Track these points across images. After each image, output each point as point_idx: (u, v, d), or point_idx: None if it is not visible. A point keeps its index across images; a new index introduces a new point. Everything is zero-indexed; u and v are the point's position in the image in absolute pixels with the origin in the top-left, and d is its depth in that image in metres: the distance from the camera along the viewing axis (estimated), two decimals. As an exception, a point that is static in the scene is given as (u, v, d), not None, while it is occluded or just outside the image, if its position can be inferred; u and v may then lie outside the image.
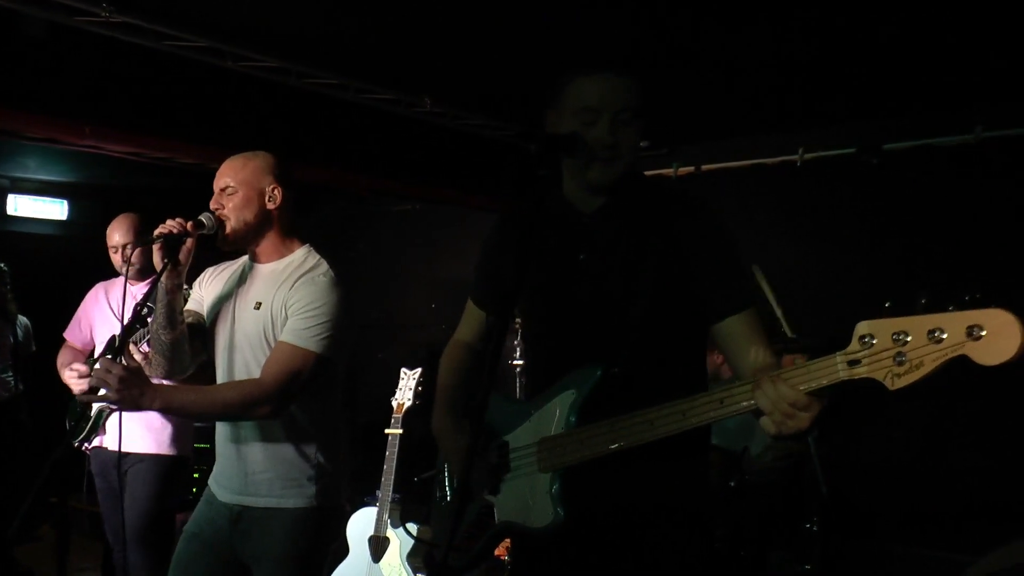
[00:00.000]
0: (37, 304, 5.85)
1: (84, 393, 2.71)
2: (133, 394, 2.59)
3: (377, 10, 4.08)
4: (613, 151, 2.17)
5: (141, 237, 4.31)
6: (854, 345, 1.73)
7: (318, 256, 2.96)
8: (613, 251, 2.25)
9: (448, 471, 2.50)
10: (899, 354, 1.68)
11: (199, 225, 2.84)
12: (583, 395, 2.16)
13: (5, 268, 5.56)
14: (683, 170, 6.22)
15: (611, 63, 2.21)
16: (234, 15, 4.17)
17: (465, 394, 2.54)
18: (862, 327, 1.73)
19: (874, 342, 1.71)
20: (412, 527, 4.69)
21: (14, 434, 5.74)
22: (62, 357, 4.54)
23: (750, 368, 2.13)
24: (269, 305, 2.87)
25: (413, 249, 7.93)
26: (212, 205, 2.90)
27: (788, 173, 5.73)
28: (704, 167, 6.22)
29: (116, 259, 4.41)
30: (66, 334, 4.65)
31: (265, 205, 2.92)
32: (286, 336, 2.80)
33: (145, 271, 4.32)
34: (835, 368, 1.75)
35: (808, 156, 5.62)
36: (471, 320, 2.62)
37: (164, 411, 2.93)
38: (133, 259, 4.28)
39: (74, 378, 4.28)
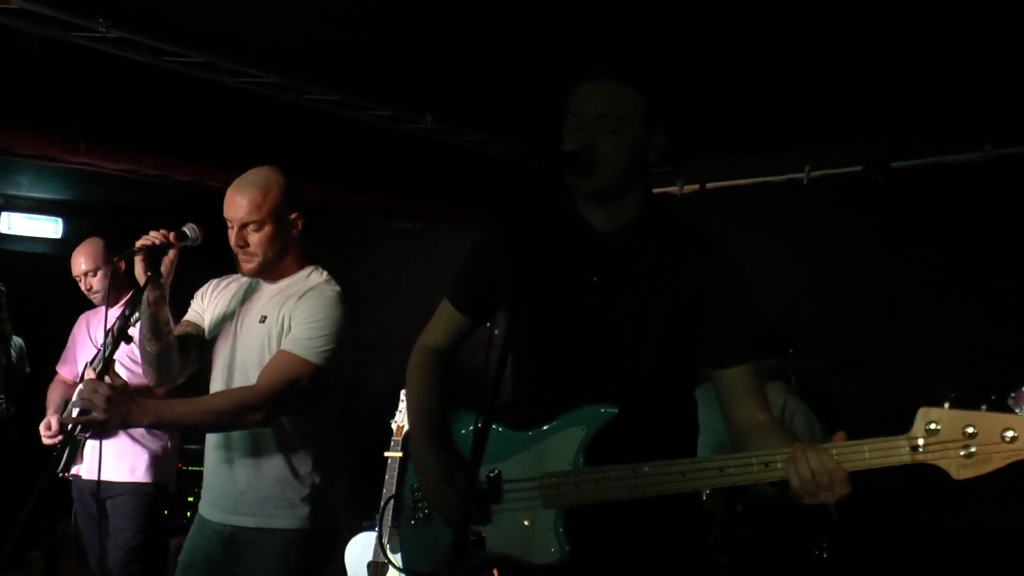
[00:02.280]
0: (30, 324, 5.85)
1: (71, 416, 2.69)
2: (121, 412, 2.58)
3: (377, 25, 4.08)
4: (591, 159, 2.10)
5: (109, 259, 4.31)
6: (918, 431, 1.81)
7: (326, 273, 2.98)
8: (627, 277, 2.21)
9: (422, 494, 2.42)
10: (967, 447, 1.78)
11: (182, 236, 2.84)
12: (593, 433, 2.13)
13: (2, 288, 5.55)
14: (688, 188, 6.21)
15: (612, 68, 2.16)
16: (232, 30, 4.18)
17: (441, 408, 2.47)
18: (929, 414, 1.81)
19: (940, 430, 1.80)
20: (395, 558, 4.67)
21: (6, 457, 5.72)
22: (52, 392, 4.52)
23: (745, 422, 2.15)
24: (274, 318, 2.87)
25: (413, 269, 7.91)
26: (235, 244, 2.88)
27: (794, 191, 5.72)
28: (709, 185, 6.20)
29: (83, 287, 4.41)
30: (58, 367, 4.64)
31: (290, 234, 2.93)
32: (286, 345, 2.81)
33: (119, 290, 4.30)
34: (899, 451, 1.82)
35: (815, 174, 5.61)
36: (446, 323, 2.54)
37: (155, 426, 2.92)
38: (95, 285, 4.28)
39: (47, 436, 4.24)
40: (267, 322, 2.89)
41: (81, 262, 4.42)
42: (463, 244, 7.30)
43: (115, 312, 4.27)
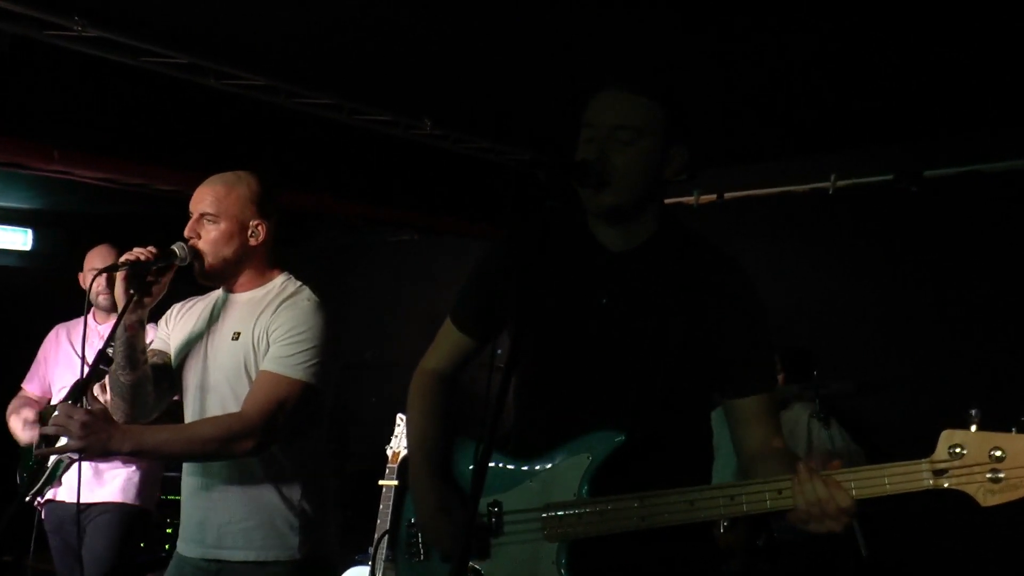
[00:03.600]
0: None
1: (40, 445, 2.67)
2: (100, 439, 2.55)
3: (373, 23, 4.08)
4: (603, 175, 2.11)
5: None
6: (941, 453, 1.81)
7: (298, 282, 2.96)
8: (638, 300, 2.21)
9: (418, 528, 2.42)
10: (995, 471, 1.77)
11: (170, 255, 2.82)
12: (599, 461, 2.13)
13: None
14: (704, 198, 6.21)
15: (629, 77, 2.17)
16: (218, 29, 4.19)
17: (442, 437, 2.46)
18: (953, 436, 1.81)
19: (965, 454, 1.79)
20: None
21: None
22: (13, 403, 4.50)
23: (758, 449, 2.16)
24: (249, 334, 2.85)
25: (411, 283, 7.91)
26: (187, 233, 2.87)
27: (819, 202, 5.71)
28: (727, 195, 6.20)
29: (95, 288, 4.37)
30: (25, 383, 4.62)
31: (247, 241, 2.91)
32: (268, 364, 2.78)
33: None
34: (920, 476, 1.82)
35: (841, 183, 5.60)
36: (449, 345, 2.54)
37: (136, 454, 2.89)
38: (104, 289, 4.26)
39: (19, 426, 4.23)
40: (241, 339, 2.87)
41: (98, 260, 4.40)
42: (465, 258, 7.32)
43: (106, 328, 4.27)
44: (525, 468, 2.25)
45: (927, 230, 5.33)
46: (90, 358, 2.87)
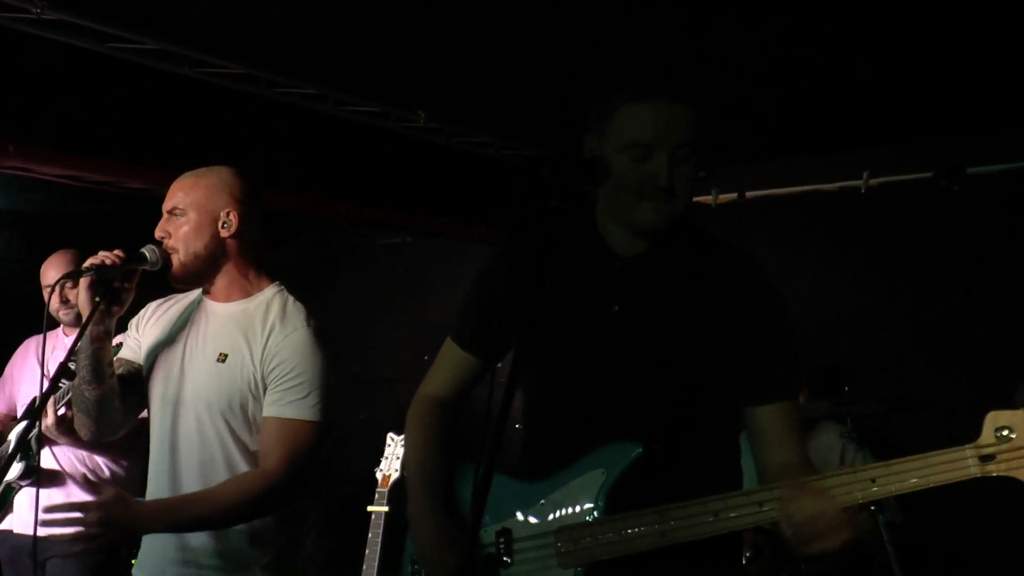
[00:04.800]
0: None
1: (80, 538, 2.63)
2: (125, 527, 2.58)
3: (362, 6, 4.07)
4: (668, 191, 2.17)
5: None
6: (987, 437, 1.80)
7: (291, 297, 2.93)
8: (651, 305, 2.25)
9: (420, 563, 2.42)
10: None
11: (140, 259, 2.80)
12: (615, 477, 2.13)
13: None
14: (723, 197, 6.21)
15: (666, 85, 2.19)
16: (191, 12, 4.18)
17: (446, 466, 2.46)
18: (999, 418, 1.80)
19: (1014, 437, 1.77)
20: None
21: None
22: None
23: (779, 465, 2.18)
24: (239, 361, 2.83)
25: (402, 290, 7.91)
26: (158, 233, 2.87)
27: (850, 202, 5.70)
28: (749, 194, 6.20)
29: (53, 302, 4.36)
30: None
31: (218, 232, 2.89)
32: (276, 410, 2.79)
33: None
34: (964, 464, 1.81)
35: (875, 181, 5.60)
36: (451, 367, 2.56)
37: (172, 530, 2.87)
38: (72, 298, 4.25)
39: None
40: (229, 363, 2.84)
41: (52, 272, 4.39)
42: (461, 263, 7.31)
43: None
44: (535, 489, 2.25)
45: (970, 233, 5.32)
46: (51, 370, 2.85)
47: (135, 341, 3.07)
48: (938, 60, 4.40)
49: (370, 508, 4.97)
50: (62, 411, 3.94)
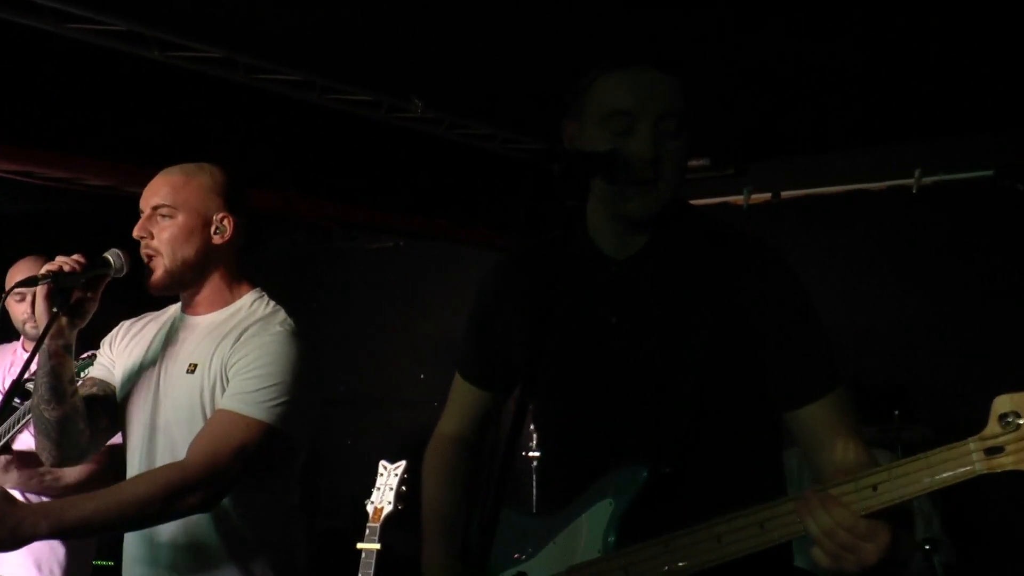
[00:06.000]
0: None
1: None
2: (8, 525, 2.50)
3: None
4: (655, 170, 2.14)
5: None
6: (992, 427, 1.72)
7: (272, 303, 2.95)
8: (653, 311, 2.23)
9: None
10: None
11: (103, 264, 2.80)
12: (624, 506, 2.13)
13: None
14: (756, 197, 6.21)
15: (647, 55, 2.18)
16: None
17: (463, 509, 2.49)
18: (1004, 402, 1.73)
19: (1021, 422, 1.71)
20: None
21: None
22: None
23: (829, 470, 2.11)
24: (207, 366, 2.83)
25: (395, 300, 7.91)
26: (137, 232, 2.86)
27: (900, 202, 5.70)
28: (784, 194, 6.19)
29: (19, 309, 4.36)
30: None
31: (211, 238, 2.90)
32: (226, 402, 2.76)
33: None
34: (967, 457, 1.73)
35: (928, 180, 5.59)
36: (462, 402, 2.58)
37: (59, 535, 2.85)
38: (29, 315, 4.25)
39: None
40: (198, 371, 2.84)
41: (20, 277, 4.39)
42: (460, 269, 7.28)
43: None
44: (548, 525, 2.26)
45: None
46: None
47: (108, 360, 3.07)
48: (1001, 41, 4.39)
49: (360, 545, 4.96)
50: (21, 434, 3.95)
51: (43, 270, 2.72)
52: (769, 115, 5.33)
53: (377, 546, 4.89)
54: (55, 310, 2.73)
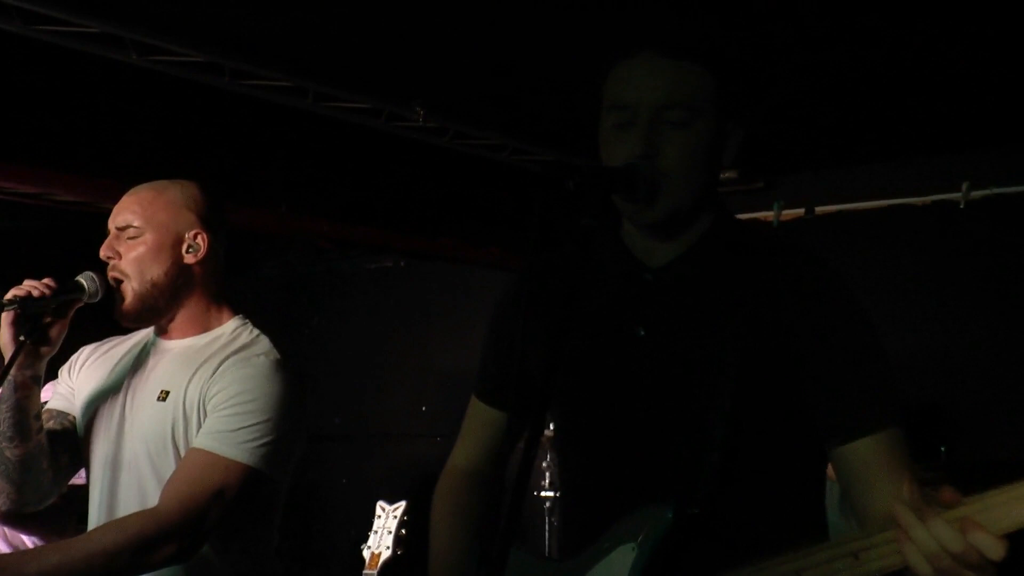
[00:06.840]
0: None
1: None
2: None
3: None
4: (650, 175, 2.10)
5: None
6: None
7: (256, 330, 2.94)
8: (685, 325, 2.19)
9: None
10: None
11: (75, 288, 2.79)
12: (648, 551, 2.07)
13: None
14: (788, 213, 6.21)
15: (655, 38, 2.16)
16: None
17: (474, 548, 2.46)
18: None
19: None
20: None
21: None
22: None
23: (883, 512, 2.00)
24: (181, 395, 2.82)
25: (396, 324, 7.92)
26: (104, 253, 2.86)
27: (945, 218, 5.69)
28: (819, 209, 6.20)
29: None
30: None
31: (183, 257, 2.89)
32: (202, 440, 2.75)
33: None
34: None
35: (976, 194, 5.59)
36: (478, 430, 2.56)
37: None
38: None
39: None
40: (170, 399, 2.83)
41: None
42: (466, 291, 7.28)
43: None
44: (567, 570, 2.21)
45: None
46: None
47: (67, 389, 3.06)
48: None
49: (356, 593, 4.96)
50: None
51: (9, 295, 2.72)
52: (802, 123, 5.31)
53: (374, 594, 4.88)
54: (22, 338, 2.72)
